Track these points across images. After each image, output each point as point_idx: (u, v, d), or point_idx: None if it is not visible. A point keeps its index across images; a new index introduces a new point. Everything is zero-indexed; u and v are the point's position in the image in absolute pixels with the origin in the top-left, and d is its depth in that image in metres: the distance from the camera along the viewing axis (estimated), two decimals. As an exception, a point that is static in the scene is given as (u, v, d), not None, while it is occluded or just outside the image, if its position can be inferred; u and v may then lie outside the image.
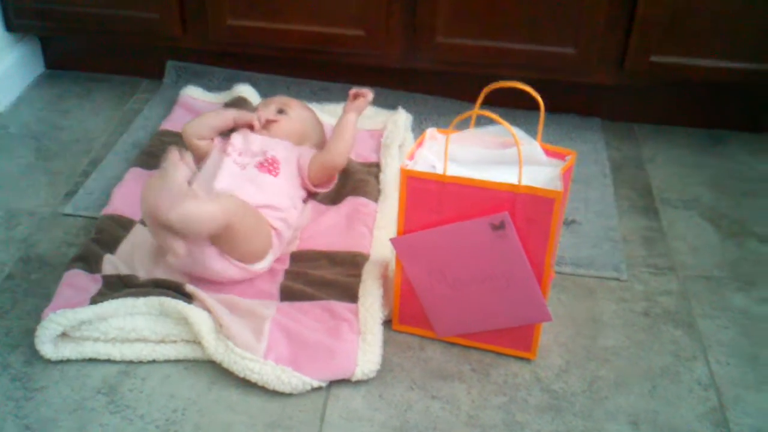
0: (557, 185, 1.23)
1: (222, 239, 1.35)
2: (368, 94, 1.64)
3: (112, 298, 1.31)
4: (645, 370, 1.33)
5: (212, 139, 1.63)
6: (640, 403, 1.27)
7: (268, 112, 1.66)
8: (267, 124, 1.63)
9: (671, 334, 1.41)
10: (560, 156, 1.31)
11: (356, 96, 1.64)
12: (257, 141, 1.60)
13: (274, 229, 1.46)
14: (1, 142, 1.86)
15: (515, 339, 1.33)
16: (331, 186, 1.65)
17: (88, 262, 1.43)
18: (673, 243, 1.63)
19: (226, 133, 1.64)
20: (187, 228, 1.29)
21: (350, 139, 1.62)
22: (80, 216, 1.61)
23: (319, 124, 1.75)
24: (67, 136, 1.89)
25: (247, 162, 1.55)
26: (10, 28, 2.02)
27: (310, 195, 1.64)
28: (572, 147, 1.53)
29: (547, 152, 1.31)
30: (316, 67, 2.06)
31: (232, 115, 1.64)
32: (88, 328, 1.28)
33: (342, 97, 1.99)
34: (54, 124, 1.94)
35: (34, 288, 1.43)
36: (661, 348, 1.38)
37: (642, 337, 1.40)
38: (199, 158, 1.62)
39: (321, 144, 1.72)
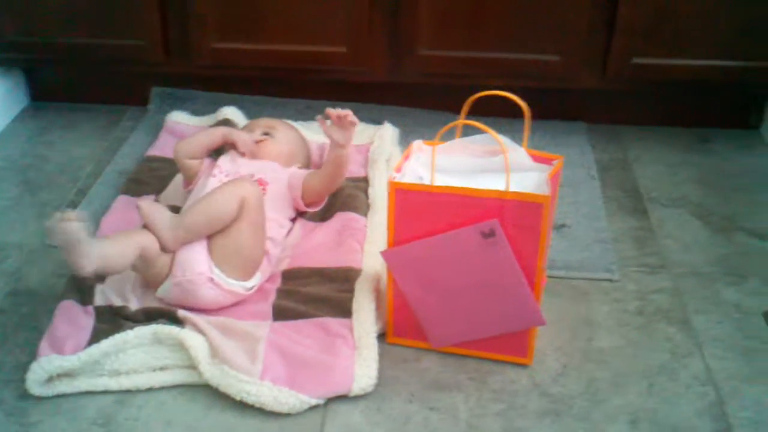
0: (545, 190, 1.23)
1: (218, 245, 1.38)
2: (353, 116, 1.54)
3: (106, 335, 1.30)
4: (642, 369, 1.33)
5: (202, 160, 1.63)
6: (638, 402, 1.27)
7: (254, 135, 1.66)
8: (254, 148, 1.63)
9: (666, 331, 1.41)
10: (547, 161, 1.32)
11: (341, 119, 1.54)
12: (244, 164, 1.61)
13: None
14: (-13, 176, 1.86)
15: (511, 345, 1.33)
16: (322, 205, 1.65)
17: (80, 292, 1.42)
18: (663, 241, 1.63)
19: (215, 155, 1.64)
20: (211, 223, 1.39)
21: (346, 171, 1.62)
22: (70, 247, 1.61)
23: (305, 144, 1.75)
24: (54, 167, 1.89)
25: (234, 182, 1.55)
26: (-7, 61, 2.02)
27: (300, 213, 1.64)
28: (559, 152, 1.52)
29: (534, 158, 1.32)
30: (301, 85, 2.07)
31: (221, 133, 1.65)
32: (80, 370, 1.28)
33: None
34: (40, 155, 1.94)
35: (25, 321, 1.42)
36: (656, 346, 1.38)
37: (637, 336, 1.40)
38: (191, 179, 1.62)
39: (308, 163, 1.73)
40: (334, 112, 1.52)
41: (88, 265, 1.28)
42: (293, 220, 1.62)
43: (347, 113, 1.53)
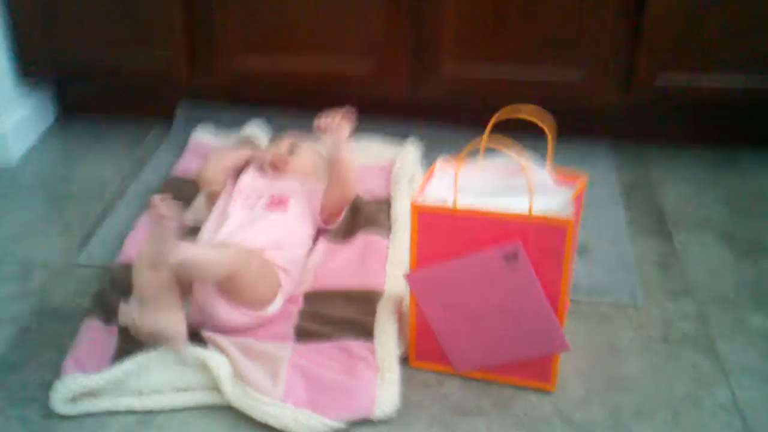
0: (569, 212, 1.22)
1: (228, 289, 1.35)
2: (343, 116, 1.54)
3: (129, 354, 1.31)
4: (667, 397, 1.32)
5: (226, 180, 1.64)
6: (663, 431, 1.25)
7: (278, 153, 1.66)
8: (277, 167, 1.64)
9: (691, 359, 1.39)
10: (571, 181, 1.31)
11: (324, 129, 1.54)
12: (265, 183, 1.61)
13: (282, 268, 1.46)
14: (15, 192, 1.88)
15: (534, 371, 1.32)
16: (339, 220, 1.65)
17: (104, 312, 1.43)
18: (688, 266, 1.62)
19: (238, 175, 1.65)
20: (188, 272, 1.30)
21: (354, 172, 1.61)
22: (94, 267, 1.62)
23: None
24: (80, 185, 1.91)
25: (254, 203, 1.56)
26: (23, 75, 2.04)
27: (320, 233, 1.64)
28: (582, 171, 1.52)
29: (558, 178, 1.31)
30: (325, 102, 2.07)
31: (245, 155, 1.66)
32: (103, 389, 1.29)
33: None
34: (66, 172, 1.96)
35: (50, 340, 1.43)
36: (681, 374, 1.36)
37: (662, 363, 1.38)
38: (213, 199, 1.63)
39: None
40: (321, 125, 1.53)
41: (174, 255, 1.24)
42: (314, 239, 1.62)
43: (332, 122, 1.54)
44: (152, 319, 1.30)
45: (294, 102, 2.09)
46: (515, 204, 1.23)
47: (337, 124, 1.52)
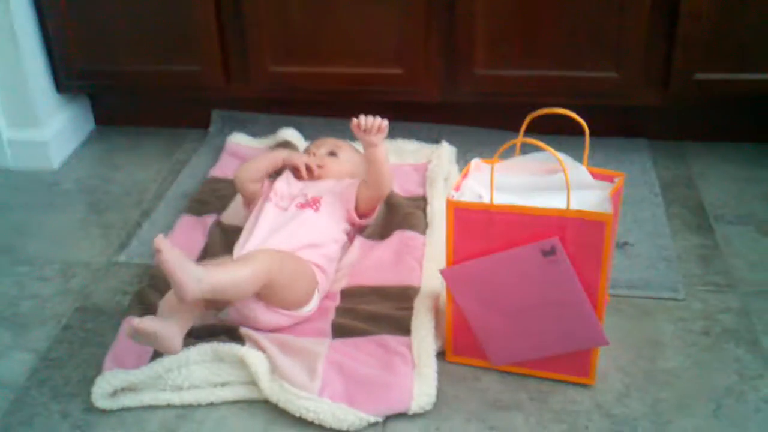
0: (607, 208, 1.21)
1: (266, 295, 1.36)
2: (382, 123, 1.53)
3: (165, 354, 1.32)
4: (708, 391, 1.29)
5: (262, 183, 1.65)
6: (704, 425, 1.23)
7: (317, 157, 1.67)
8: (312, 172, 1.65)
9: (734, 352, 1.37)
10: (609, 179, 1.30)
11: (366, 131, 1.53)
12: (300, 185, 1.62)
13: (317, 266, 1.46)
14: (56, 198, 1.92)
15: (572, 365, 1.31)
16: (374, 216, 1.65)
17: (144, 310, 1.45)
18: (730, 259, 1.59)
19: (275, 177, 1.66)
20: (220, 296, 1.32)
21: (388, 168, 1.59)
22: (134, 265, 1.64)
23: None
24: (119, 189, 1.94)
25: (288, 205, 1.57)
26: (60, 89, 2.09)
27: (356, 229, 1.64)
28: (620, 169, 1.51)
29: (595, 175, 1.30)
30: (358, 106, 2.07)
31: (282, 156, 1.67)
32: (143, 384, 1.30)
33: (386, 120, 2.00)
34: (105, 178, 1.99)
35: (90, 337, 1.45)
36: (723, 367, 1.34)
37: (703, 356, 1.36)
38: (251, 201, 1.64)
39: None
40: (360, 124, 1.52)
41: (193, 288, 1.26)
42: (350, 236, 1.63)
43: (371, 125, 1.52)
44: (156, 325, 1.29)
45: (327, 109, 2.10)
46: (552, 201, 1.22)
47: (374, 125, 1.52)
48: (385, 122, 1.53)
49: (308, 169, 1.65)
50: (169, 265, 1.24)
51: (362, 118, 1.53)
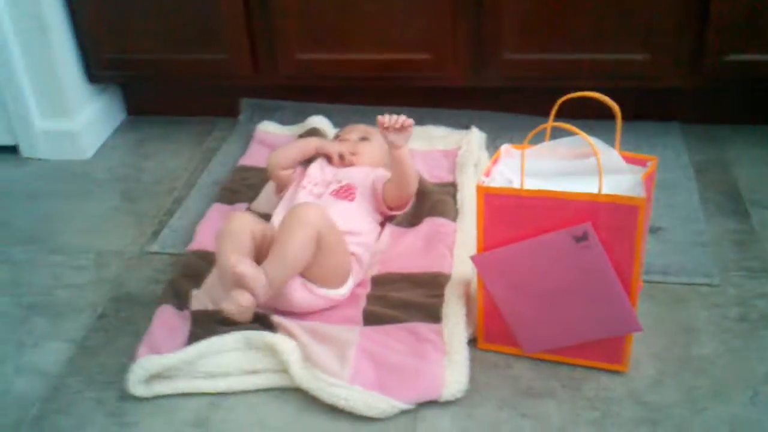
0: (640, 192, 1.20)
1: (313, 254, 1.37)
2: (409, 120, 1.52)
3: (201, 339, 1.34)
4: (744, 378, 1.28)
5: (294, 169, 1.65)
6: (740, 413, 1.22)
7: (350, 144, 1.67)
8: (344, 159, 1.65)
9: (770, 338, 1.35)
10: (641, 163, 1.28)
11: (399, 125, 1.51)
12: (333, 172, 1.62)
13: (353, 254, 1.47)
14: (89, 187, 1.94)
15: (605, 352, 1.30)
16: (407, 208, 1.65)
17: (177, 298, 1.46)
18: (766, 244, 1.57)
19: (306, 163, 1.67)
20: (296, 271, 1.37)
21: (413, 168, 1.58)
22: (166, 254, 1.66)
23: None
24: (150, 178, 1.96)
25: (322, 191, 1.57)
26: (92, 79, 2.10)
27: (387, 218, 1.64)
28: (653, 153, 1.49)
29: (627, 160, 1.28)
30: (386, 93, 2.08)
31: (314, 144, 1.67)
32: (177, 370, 1.32)
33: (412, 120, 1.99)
34: (137, 167, 2.01)
35: (125, 326, 1.47)
36: (760, 354, 1.32)
37: (739, 343, 1.34)
38: (282, 188, 1.65)
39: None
40: (384, 121, 1.51)
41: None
42: (382, 224, 1.63)
43: (396, 121, 1.50)
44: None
45: (355, 96, 2.10)
46: (583, 186, 1.21)
47: (396, 122, 1.51)
48: (410, 121, 1.51)
49: (341, 156, 1.65)
50: (245, 281, 1.32)
51: (386, 115, 1.52)
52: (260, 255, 1.40)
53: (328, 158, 1.66)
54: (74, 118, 2.05)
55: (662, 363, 1.31)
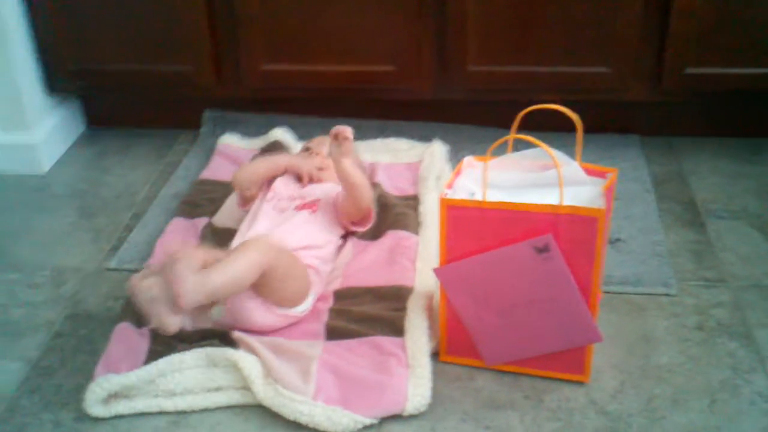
0: (599, 203, 1.21)
1: (261, 284, 1.35)
2: (348, 131, 1.50)
3: (161, 356, 1.32)
4: (703, 386, 1.29)
5: (261, 185, 1.64)
6: (699, 420, 1.23)
7: (319, 159, 1.67)
8: (313, 178, 1.64)
9: (727, 346, 1.37)
10: (601, 174, 1.30)
11: (337, 137, 1.51)
12: (298, 186, 1.62)
13: (312, 267, 1.46)
14: (46, 201, 1.91)
15: (566, 362, 1.30)
16: (370, 224, 1.64)
17: (136, 315, 1.43)
18: (722, 254, 1.59)
19: (273, 179, 1.66)
20: (233, 290, 1.32)
21: (361, 181, 1.55)
22: (125, 270, 1.63)
23: (362, 164, 1.76)
24: (109, 192, 1.93)
25: (286, 206, 1.57)
26: (52, 90, 2.07)
27: (350, 233, 1.64)
28: (612, 165, 1.51)
29: (588, 171, 1.29)
30: (350, 105, 2.08)
31: (284, 164, 1.66)
32: (137, 389, 1.29)
33: (375, 132, 2.00)
34: (96, 181, 1.98)
35: (82, 344, 1.44)
36: (717, 362, 1.34)
37: (697, 351, 1.36)
38: (247, 201, 1.64)
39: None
40: (333, 131, 1.50)
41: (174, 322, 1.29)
42: (345, 237, 1.62)
43: (337, 131, 1.50)
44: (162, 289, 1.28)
45: (320, 108, 2.09)
46: (544, 198, 1.22)
47: (342, 135, 1.49)
48: (346, 132, 1.49)
49: (311, 176, 1.64)
50: (167, 276, 1.25)
51: (338, 127, 1.51)
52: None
53: (298, 176, 1.65)
54: (32, 131, 2.01)
55: (622, 373, 1.33)
